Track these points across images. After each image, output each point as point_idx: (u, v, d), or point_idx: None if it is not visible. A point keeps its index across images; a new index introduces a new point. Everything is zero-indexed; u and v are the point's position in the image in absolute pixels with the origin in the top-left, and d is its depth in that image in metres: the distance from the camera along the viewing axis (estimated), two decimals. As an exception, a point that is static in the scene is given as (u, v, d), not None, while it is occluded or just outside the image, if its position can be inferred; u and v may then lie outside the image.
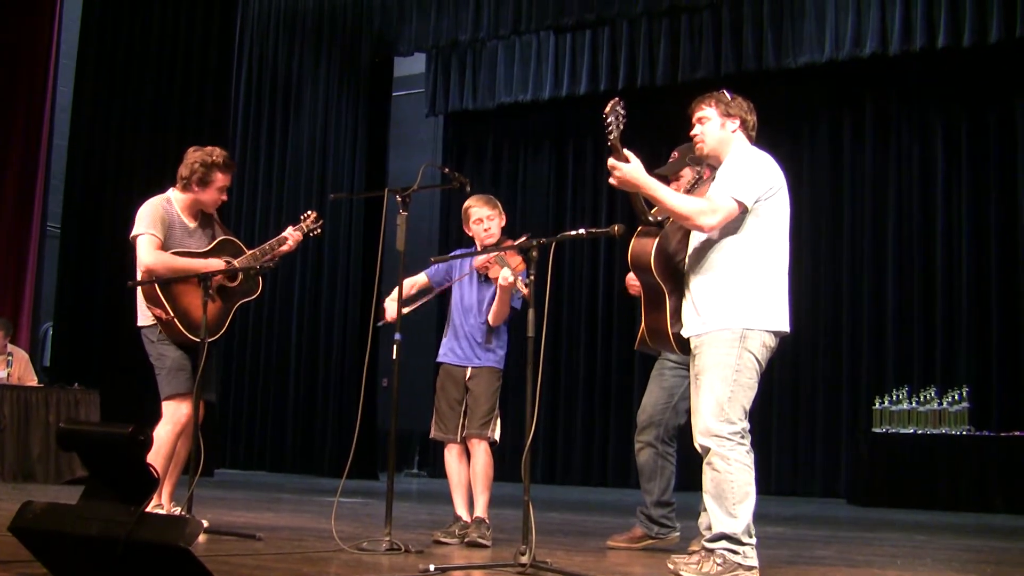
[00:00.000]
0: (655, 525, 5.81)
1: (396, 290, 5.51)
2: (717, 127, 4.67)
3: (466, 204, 5.92)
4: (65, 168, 12.94)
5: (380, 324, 5.66)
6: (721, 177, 4.56)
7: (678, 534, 5.83)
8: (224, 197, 5.90)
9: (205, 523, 5.38)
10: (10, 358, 10.45)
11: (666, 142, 5.78)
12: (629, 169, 4.47)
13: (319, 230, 6.22)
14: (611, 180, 4.53)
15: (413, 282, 5.92)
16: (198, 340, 5.55)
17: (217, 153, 5.86)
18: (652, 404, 5.85)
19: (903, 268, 13.41)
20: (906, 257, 13.41)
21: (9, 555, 3.85)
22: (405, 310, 5.55)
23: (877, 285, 13.51)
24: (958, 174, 13.24)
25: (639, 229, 4.90)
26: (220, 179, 5.82)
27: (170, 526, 2.92)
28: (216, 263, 5.75)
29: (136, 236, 5.68)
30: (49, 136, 13.41)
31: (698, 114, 4.72)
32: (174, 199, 5.84)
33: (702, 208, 4.45)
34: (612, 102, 4.50)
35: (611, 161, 4.49)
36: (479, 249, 5.78)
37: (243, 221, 15.23)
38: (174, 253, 5.70)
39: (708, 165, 5.29)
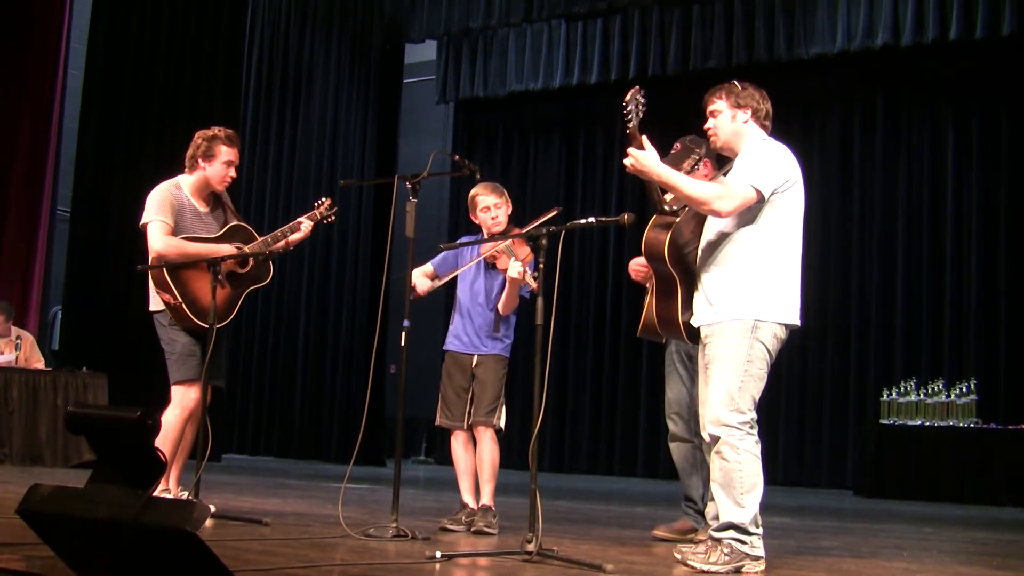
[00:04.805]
0: (704, 520, 5.59)
1: (416, 272, 5.54)
2: (728, 119, 4.65)
3: (473, 192, 5.89)
4: (75, 152, 12.95)
5: (412, 299, 5.50)
6: (739, 165, 4.54)
7: None
8: (232, 173, 5.88)
9: (212, 508, 5.39)
10: (18, 341, 10.46)
11: (677, 131, 5.75)
12: (643, 156, 4.45)
13: (333, 216, 6.20)
14: (625, 161, 4.50)
15: (422, 271, 5.89)
16: (205, 326, 5.56)
17: (219, 128, 5.89)
18: (676, 400, 5.79)
19: (912, 259, 13.38)
20: (915, 248, 13.37)
21: (17, 538, 3.86)
22: (438, 283, 5.56)
23: (886, 276, 13.48)
24: (968, 167, 13.20)
25: (654, 219, 4.89)
26: (224, 152, 5.81)
27: (177, 510, 2.92)
28: (227, 248, 5.74)
29: (146, 223, 5.68)
30: (59, 119, 13.41)
31: (710, 107, 4.71)
32: (183, 184, 5.84)
33: (718, 193, 4.43)
34: (633, 90, 4.48)
35: (629, 150, 4.47)
36: (486, 237, 5.76)
37: (252, 207, 15.23)
38: (185, 238, 5.70)
39: (709, 156, 5.28)
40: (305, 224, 5.96)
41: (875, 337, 13.39)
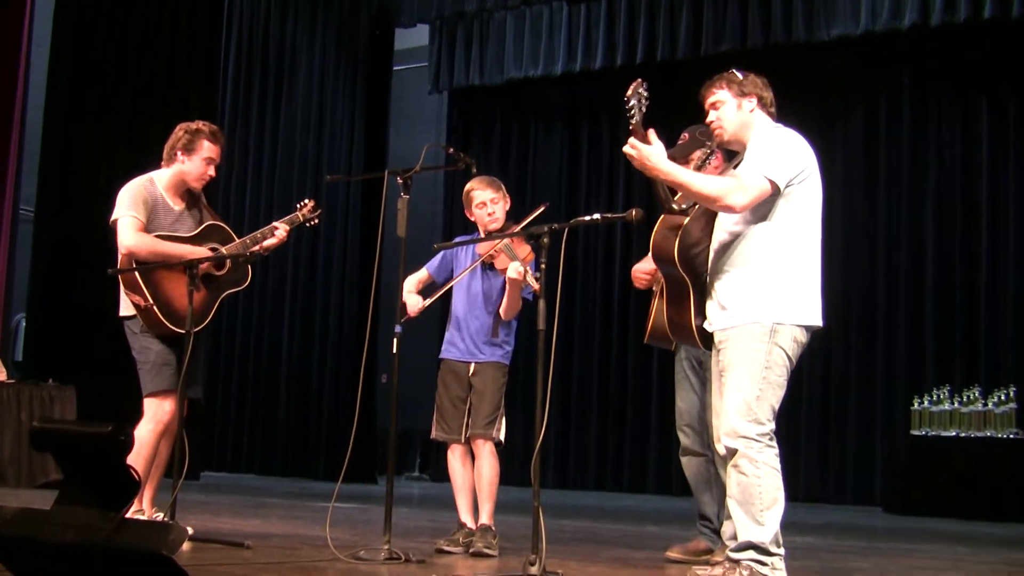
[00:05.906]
0: (721, 539, 5.43)
1: (409, 281, 5.54)
2: (733, 109, 4.65)
3: (467, 187, 5.91)
4: (39, 147, 12.91)
5: (403, 321, 5.49)
6: (750, 156, 4.54)
7: None
8: (212, 172, 5.90)
9: (190, 530, 5.38)
10: (-21, 352, 10.46)
11: (687, 120, 5.77)
12: (648, 152, 4.45)
13: (316, 220, 6.21)
14: (625, 149, 4.49)
15: (417, 279, 5.91)
16: (179, 331, 5.54)
17: (203, 122, 5.92)
18: (687, 411, 5.79)
19: (944, 257, 13.34)
20: (947, 245, 13.34)
21: (-22, 564, 3.85)
22: (429, 301, 5.57)
23: (915, 275, 13.45)
24: (1004, 156, 13.17)
25: (662, 219, 4.90)
26: (207, 147, 5.82)
27: (152, 533, 2.92)
28: (202, 251, 5.74)
29: (116, 219, 5.68)
30: (22, 113, 13.36)
31: (710, 99, 4.71)
32: (158, 179, 5.84)
33: (730, 187, 4.43)
34: (635, 83, 4.48)
35: (631, 140, 4.47)
36: (483, 236, 5.77)
37: (232, 203, 15.22)
38: (158, 237, 5.70)
39: (720, 148, 5.29)
40: (280, 230, 5.95)
41: (905, 341, 13.36)
